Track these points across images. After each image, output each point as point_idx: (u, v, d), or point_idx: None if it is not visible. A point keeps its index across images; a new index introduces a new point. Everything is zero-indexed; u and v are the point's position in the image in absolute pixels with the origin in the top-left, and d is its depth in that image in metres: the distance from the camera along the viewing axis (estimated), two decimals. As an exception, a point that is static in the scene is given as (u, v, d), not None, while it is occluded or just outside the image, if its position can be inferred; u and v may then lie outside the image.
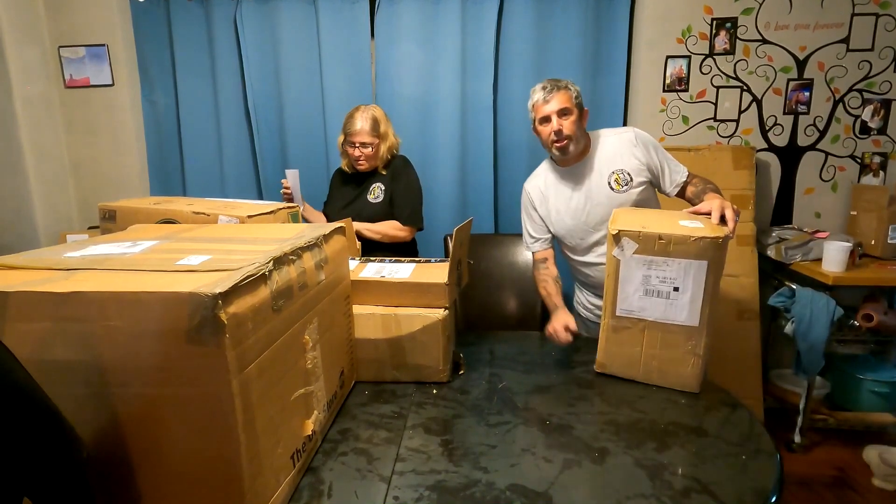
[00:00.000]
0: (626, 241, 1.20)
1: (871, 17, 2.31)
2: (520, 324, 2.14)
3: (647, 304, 1.22)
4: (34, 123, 2.34)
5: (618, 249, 1.21)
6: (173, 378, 0.68)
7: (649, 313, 1.22)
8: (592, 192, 1.58)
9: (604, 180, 1.57)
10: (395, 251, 1.91)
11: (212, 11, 2.38)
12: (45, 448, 0.59)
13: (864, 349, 2.43)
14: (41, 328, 0.68)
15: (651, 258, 1.19)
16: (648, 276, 1.20)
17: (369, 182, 2.00)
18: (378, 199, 1.97)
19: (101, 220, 1.36)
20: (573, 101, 1.54)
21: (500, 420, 1.11)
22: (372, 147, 1.92)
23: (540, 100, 1.55)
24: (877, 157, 2.43)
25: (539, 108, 1.55)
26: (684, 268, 1.17)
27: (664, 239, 1.17)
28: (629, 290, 1.22)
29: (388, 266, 1.37)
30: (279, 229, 1.10)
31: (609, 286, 1.25)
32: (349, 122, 1.93)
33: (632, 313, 1.24)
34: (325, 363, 1.01)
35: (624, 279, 1.22)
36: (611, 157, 1.58)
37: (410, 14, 2.36)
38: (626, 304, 1.24)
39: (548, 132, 1.55)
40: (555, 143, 1.54)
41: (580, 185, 1.59)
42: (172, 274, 0.73)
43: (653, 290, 1.21)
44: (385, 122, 1.96)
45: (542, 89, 1.55)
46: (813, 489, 2.03)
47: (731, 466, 0.95)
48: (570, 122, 1.53)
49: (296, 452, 0.88)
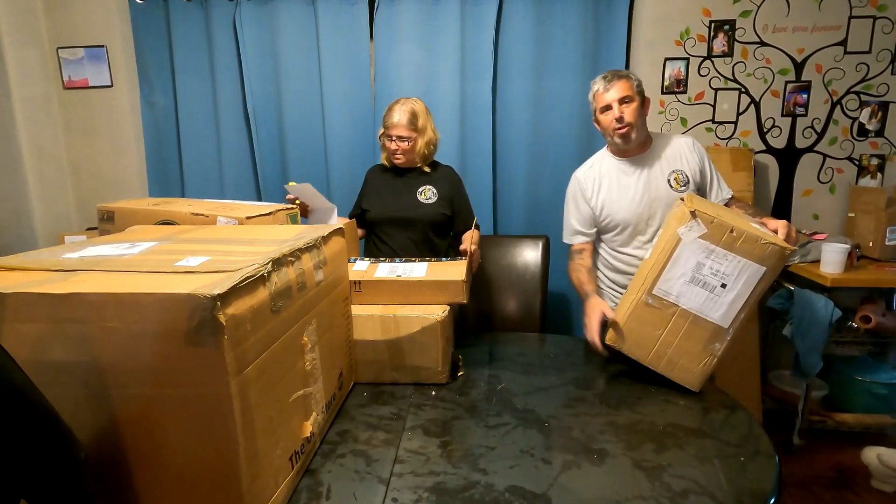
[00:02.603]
0: (696, 223, 1.18)
1: (869, 19, 2.32)
2: (519, 325, 2.14)
3: (687, 291, 1.20)
4: (33, 124, 2.34)
5: (685, 228, 1.19)
6: (172, 379, 0.68)
7: (686, 301, 1.20)
8: (651, 186, 1.56)
9: (664, 177, 1.56)
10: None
11: (211, 12, 2.38)
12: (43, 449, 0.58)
13: (862, 351, 2.43)
14: (39, 329, 0.68)
15: (713, 248, 1.18)
16: (703, 264, 1.19)
17: (416, 181, 1.95)
18: (430, 200, 1.92)
19: (99, 222, 1.36)
20: (634, 89, 1.53)
21: (499, 421, 1.11)
22: (409, 141, 1.89)
23: (601, 88, 1.53)
24: (874, 159, 2.43)
25: (600, 97, 1.53)
26: (741, 267, 1.16)
27: (735, 233, 1.16)
28: (675, 273, 1.20)
29: (400, 266, 1.38)
30: (278, 231, 1.10)
31: (656, 263, 1.22)
32: (388, 115, 1.89)
33: (668, 296, 1.22)
34: (323, 364, 1.01)
35: (676, 260, 1.20)
36: (672, 157, 1.58)
37: (409, 15, 2.37)
38: (666, 286, 1.22)
39: (609, 120, 1.53)
40: (617, 131, 1.52)
41: (639, 177, 1.57)
42: (171, 275, 0.73)
43: (701, 279, 1.19)
44: (424, 116, 1.92)
45: (602, 79, 1.54)
46: (811, 490, 2.03)
47: (729, 468, 0.95)
48: (631, 109, 1.51)
49: (294, 454, 0.88)
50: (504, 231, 2.54)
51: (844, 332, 2.26)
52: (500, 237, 2.39)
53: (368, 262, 1.42)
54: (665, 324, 1.23)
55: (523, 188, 2.50)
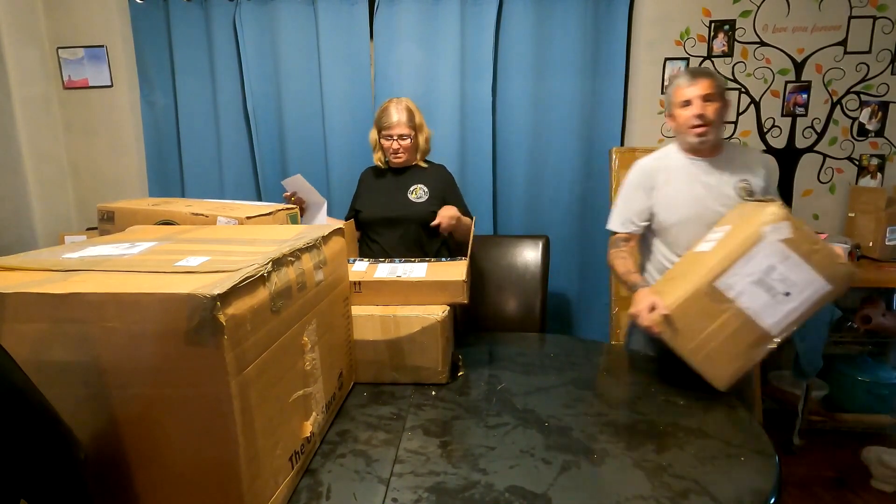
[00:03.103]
0: (785, 226, 1.17)
1: (869, 19, 2.32)
2: (519, 325, 2.14)
3: (750, 291, 1.19)
4: (33, 124, 2.34)
5: (771, 228, 1.18)
6: (172, 379, 0.68)
7: (745, 300, 1.19)
8: (716, 191, 1.54)
9: (731, 185, 1.53)
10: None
11: (211, 12, 2.38)
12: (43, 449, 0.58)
13: (862, 351, 2.43)
14: (39, 329, 0.68)
15: (790, 254, 1.17)
16: (774, 268, 1.18)
17: (409, 180, 1.95)
18: (421, 199, 1.92)
19: (99, 222, 1.36)
20: (717, 89, 1.50)
21: (498, 421, 1.11)
22: (410, 139, 1.90)
23: (684, 83, 1.51)
24: (874, 159, 2.43)
25: (681, 91, 1.50)
26: (810, 280, 1.16)
27: (817, 245, 1.17)
28: (745, 270, 1.19)
29: (400, 266, 1.38)
30: (278, 231, 1.10)
31: (728, 256, 1.21)
32: (384, 116, 1.89)
33: (729, 290, 1.20)
34: (323, 364, 1.01)
35: (750, 258, 1.19)
36: (742, 167, 1.56)
37: (410, 15, 2.37)
38: (731, 280, 1.20)
39: (687, 116, 1.50)
40: (695, 128, 1.49)
41: (707, 180, 1.54)
42: (171, 275, 0.73)
43: (767, 283, 1.18)
44: (418, 112, 1.94)
45: (687, 74, 1.52)
46: (811, 491, 2.04)
47: (729, 468, 0.95)
48: (713, 108, 1.49)
49: (294, 454, 0.88)
50: (504, 231, 2.54)
51: (844, 332, 2.26)
52: (500, 237, 2.39)
53: (368, 262, 1.42)
54: (715, 318, 1.21)
55: (523, 188, 2.50)
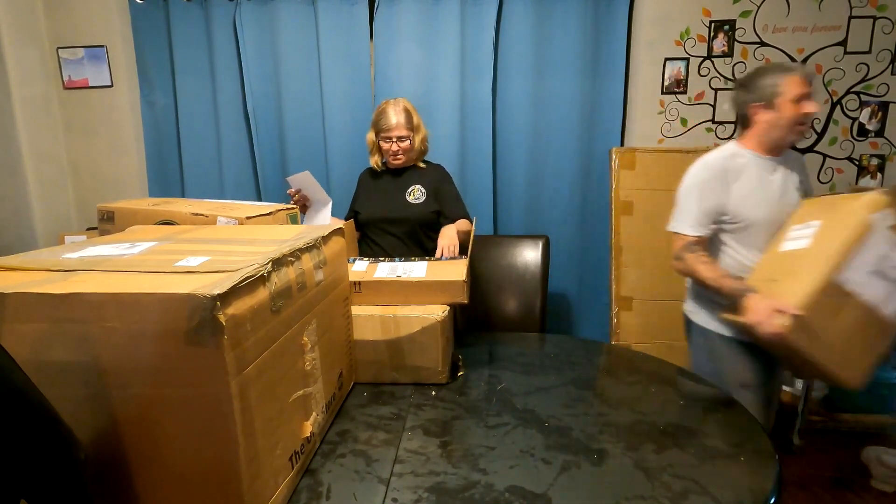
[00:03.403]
0: (889, 213, 1.19)
1: (869, 19, 2.32)
2: (519, 325, 2.14)
3: (869, 282, 1.19)
4: (33, 124, 2.34)
5: (879, 216, 1.18)
6: (172, 379, 0.68)
7: (866, 292, 1.19)
8: (787, 188, 1.53)
9: (794, 184, 1.54)
10: None
11: (211, 12, 2.38)
12: (43, 449, 0.58)
13: (862, 351, 2.43)
14: (39, 329, 0.68)
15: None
16: (887, 256, 1.19)
17: (406, 182, 1.96)
18: (419, 200, 1.93)
19: (99, 222, 1.36)
20: None
21: (498, 421, 1.11)
22: (409, 140, 1.89)
23: (803, 78, 1.45)
24: (874, 159, 2.43)
25: (799, 86, 1.44)
26: None
27: None
28: (862, 262, 1.19)
29: (400, 265, 1.38)
30: (278, 231, 1.10)
31: (841, 249, 1.20)
32: (383, 118, 1.88)
33: (848, 284, 1.20)
34: (323, 364, 1.01)
35: (865, 249, 1.19)
36: (799, 167, 1.57)
37: (410, 15, 2.37)
38: (851, 274, 1.19)
39: (799, 112, 1.44)
40: (801, 126, 1.47)
41: (775, 178, 1.53)
42: (171, 275, 0.73)
43: (882, 271, 1.19)
44: (416, 113, 1.94)
45: (801, 68, 1.47)
46: (811, 491, 2.03)
47: (729, 468, 0.95)
48: None
49: (294, 454, 0.88)
50: (504, 231, 2.54)
51: (844, 332, 2.25)
52: (500, 237, 2.39)
53: (368, 262, 1.42)
54: (838, 314, 1.20)
55: (523, 188, 2.51)
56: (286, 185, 1.92)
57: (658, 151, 2.37)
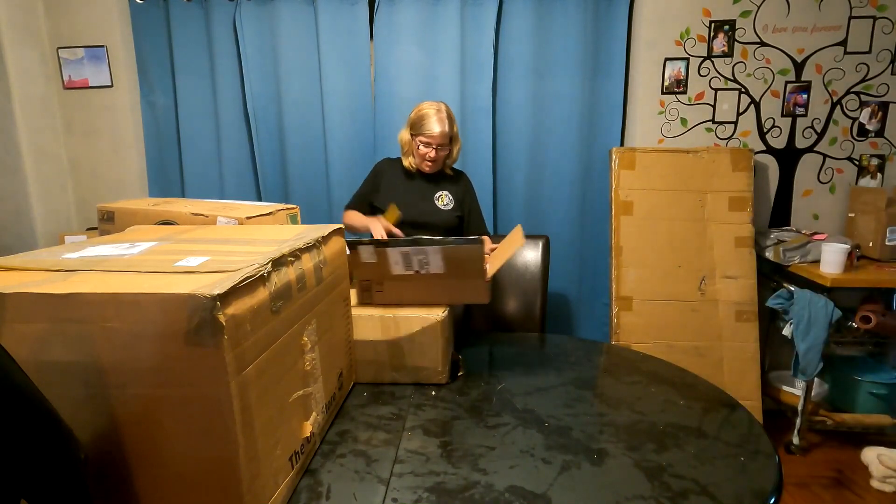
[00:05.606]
0: None
1: (869, 19, 2.32)
2: (519, 325, 2.14)
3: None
4: (33, 124, 2.34)
5: None
6: (172, 379, 0.68)
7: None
8: None
9: None
10: None
11: (211, 12, 2.38)
12: (43, 449, 0.58)
13: (862, 351, 2.43)
14: (39, 329, 0.68)
15: None
16: None
17: (437, 187, 1.95)
18: (448, 206, 1.93)
19: (99, 222, 1.36)
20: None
21: (498, 422, 1.11)
22: (446, 149, 1.88)
23: None
24: (874, 159, 2.43)
25: None
26: None
27: None
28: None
29: (414, 257, 1.36)
30: (278, 231, 1.10)
31: None
32: (426, 123, 1.82)
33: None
34: (323, 364, 1.01)
35: None
36: None
37: (409, 15, 2.37)
38: None
39: None
40: None
41: None
42: (171, 275, 0.73)
43: None
44: (455, 121, 1.91)
45: None
46: (811, 490, 2.03)
47: (730, 468, 0.95)
48: None
49: (294, 454, 0.88)
50: (504, 231, 2.54)
51: (844, 332, 2.25)
52: (500, 237, 2.38)
53: (372, 247, 1.31)
54: None
55: (523, 188, 2.51)
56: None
57: (658, 151, 2.37)
